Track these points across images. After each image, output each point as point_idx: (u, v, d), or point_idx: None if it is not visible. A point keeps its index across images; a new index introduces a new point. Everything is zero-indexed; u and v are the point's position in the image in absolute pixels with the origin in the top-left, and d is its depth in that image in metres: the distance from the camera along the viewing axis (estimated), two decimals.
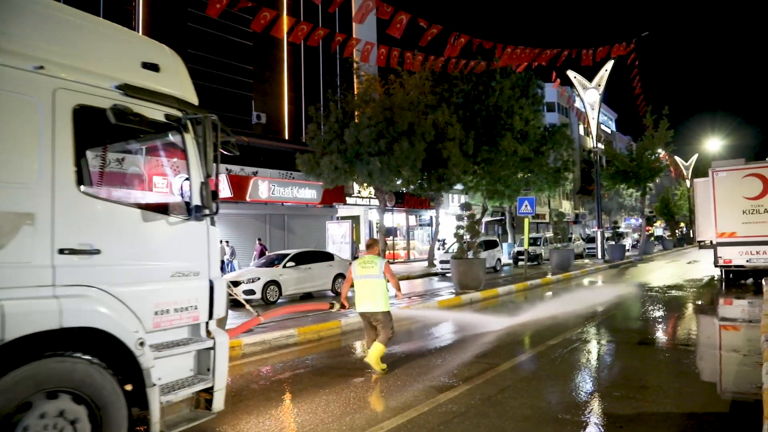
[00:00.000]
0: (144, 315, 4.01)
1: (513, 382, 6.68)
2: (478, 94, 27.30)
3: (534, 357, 8.09)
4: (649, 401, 5.81)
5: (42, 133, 3.54)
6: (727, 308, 13.04)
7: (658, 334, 10.00)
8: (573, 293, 17.26)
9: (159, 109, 4.29)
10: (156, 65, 4.35)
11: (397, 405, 5.85)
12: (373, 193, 27.21)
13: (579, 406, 5.76)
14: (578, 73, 32.32)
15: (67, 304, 3.49)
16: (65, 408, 3.46)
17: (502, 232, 43.57)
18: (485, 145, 26.07)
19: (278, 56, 29.58)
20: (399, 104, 21.67)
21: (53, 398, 3.41)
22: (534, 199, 21.33)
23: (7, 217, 3.31)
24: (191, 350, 4.42)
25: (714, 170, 18.05)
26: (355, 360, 8.36)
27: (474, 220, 18.25)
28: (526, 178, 29.38)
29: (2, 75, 3.37)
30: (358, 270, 7.40)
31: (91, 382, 3.58)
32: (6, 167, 3.36)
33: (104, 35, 4.12)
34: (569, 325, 10.35)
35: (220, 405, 4.51)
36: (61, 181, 3.59)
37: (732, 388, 6.61)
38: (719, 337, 9.92)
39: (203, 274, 4.55)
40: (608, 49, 21.07)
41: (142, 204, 4.45)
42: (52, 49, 3.68)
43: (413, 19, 14.80)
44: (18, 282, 3.35)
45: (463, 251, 17.44)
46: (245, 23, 25.09)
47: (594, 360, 8.02)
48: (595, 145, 33.14)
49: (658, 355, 8.19)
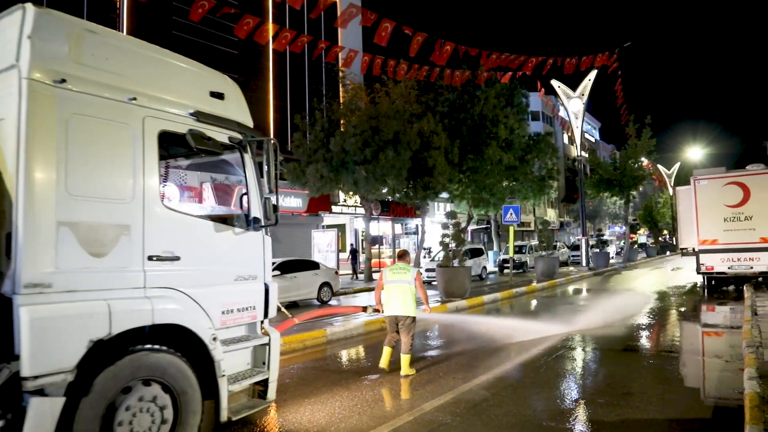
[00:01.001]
0: (213, 314, 4.63)
1: (497, 390, 6.68)
2: (464, 103, 27.41)
3: (520, 365, 8.09)
4: (633, 408, 5.84)
5: (135, 154, 4.17)
6: (709, 315, 13.16)
7: (641, 341, 10.06)
8: (558, 300, 17.33)
9: (224, 132, 4.97)
10: (222, 94, 5.08)
11: (381, 414, 5.83)
12: (359, 202, 27.17)
13: (564, 413, 5.77)
14: (562, 83, 32.68)
15: (157, 303, 4.13)
16: (157, 394, 4.08)
17: (487, 240, 43.69)
18: (470, 153, 26.16)
19: (264, 65, 29.55)
20: (384, 113, 21.70)
21: (147, 385, 4.03)
22: (519, 208, 21.44)
23: (109, 229, 3.96)
24: (250, 346, 5.06)
25: (695, 178, 18.28)
26: (339, 368, 8.31)
27: (459, 229, 18.28)
28: (511, 187, 29.50)
29: (104, 106, 4.02)
30: (390, 276, 7.83)
31: (174, 372, 4.18)
32: (108, 185, 3.99)
33: (179, 68, 4.83)
34: (554, 333, 10.38)
35: (273, 395, 5.18)
36: (149, 197, 4.24)
37: (715, 393, 6.66)
38: (702, 343, 10.02)
39: (260, 278, 5.20)
40: (592, 58, 21.35)
41: (211, 216, 5.18)
42: (140, 82, 4.32)
43: (399, 27, 14.87)
44: (119, 284, 3.98)
45: (449, 259, 17.46)
46: (230, 31, 25.04)
47: (579, 367, 8.04)
48: (579, 153, 33.44)
49: (642, 362, 8.23)
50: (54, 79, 3.74)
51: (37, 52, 3.69)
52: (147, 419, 4.00)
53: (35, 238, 3.56)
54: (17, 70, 3.66)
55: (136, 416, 3.93)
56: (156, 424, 4.05)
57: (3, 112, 3.73)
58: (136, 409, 3.93)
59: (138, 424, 3.93)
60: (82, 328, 3.66)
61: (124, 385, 3.87)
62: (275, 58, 29.96)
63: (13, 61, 3.70)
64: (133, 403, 3.91)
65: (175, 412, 4.20)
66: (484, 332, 10.52)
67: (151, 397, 4.04)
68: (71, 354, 3.59)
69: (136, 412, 3.93)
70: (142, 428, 3.96)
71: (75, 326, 3.64)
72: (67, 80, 3.81)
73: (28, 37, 3.66)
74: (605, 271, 30.36)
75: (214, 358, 4.46)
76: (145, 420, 3.99)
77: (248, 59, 28.37)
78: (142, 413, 3.96)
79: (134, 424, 3.91)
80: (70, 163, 3.77)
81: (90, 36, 4.08)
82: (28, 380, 3.42)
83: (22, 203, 3.52)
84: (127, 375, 3.89)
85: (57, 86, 3.75)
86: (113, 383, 3.80)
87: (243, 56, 27.97)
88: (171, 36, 24.57)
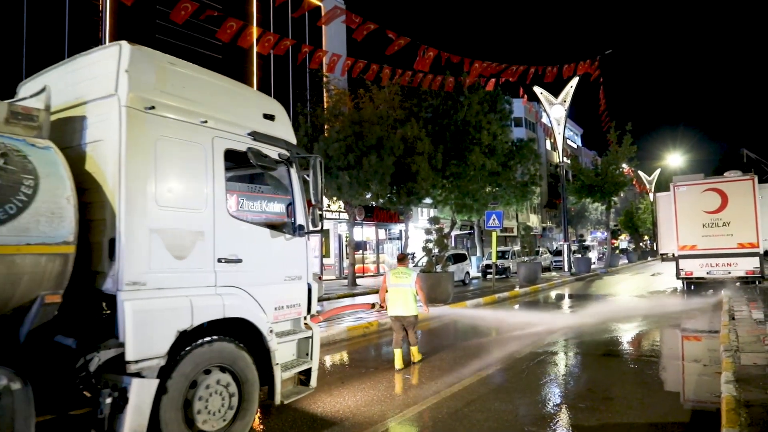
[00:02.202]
0: (268, 309, 5.25)
1: (480, 395, 6.70)
2: (447, 109, 27.52)
3: (502, 370, 8.13)
4: (614, 412, 5.89)
5: (206, 169, 4.81)
6: (688, 319, 13.33)
7: (622, 346, 10.16)
8: (540, 306, 17.44)
9: (275, 150, 5.60)
10: (273, 116, 5.71)
11: (362, 420, 5.83)
12: (342, 207, 27.14)
13: (545, 417, 5.81)
14: (545, 89, 32.95)
15: (226, 300, 4.78)
16: (229, 381, 4.71)
17: (470, 245, 43.86)
18: (454, 159, 26.26)
19: (248, 69, 29.46)
20: (368, 118, 21.72)
21: (223, 372, 4.67)
22: (502, 213, 21.55)
23: (188, 235, 4.59)
24: (296, 338, 5.69)
25: (675, 185, 18.55)
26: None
27: (442, 234, 18.33)
28: (494, 192, 29.67)
29: (182, 128, 4.64)
30: (393, 279, 8.55)
31: (240, 361, 4.81)
32: (186, 197, 4.63)
33: (239, 94, 5.51)
34: (536, 338, 10.45)
35: (315, 383, 5.84)
36: (218, 207, 4.87)
37: (693, 397, 6.75)
38: (681, 347, 10.14)
39: (303, 278, 5.84)
40: (574, 66, 21.56)
41: (265, 223, 5.84)
42: (209, 106, 4.96)
43: (382, 31, 14.90)
44: (196, 283, 4.60)
45: (432, 265, 17.50)
46: (214, 35, 24.96)
47: (560, 372, 8.09)
48: (561, 159, 33.74)
49: (622, 366, 8.30)
50: (145, 106, 4.36)
51: (133, 84, 4.29)
52: (220, 400, 4.63)
53: (134, 243, 4.17)
54: (116, 99, 4.26)
55: (209, 399, 4.54)
56: (226, 406, 4.67)
57: (101, 135, 4.34)
58: (212, 389, 4.56)
59: (211, 405, 4.54)
60: (171, 320, 4.30)
61: (204, 368, 4.52)
62: (259, 63, 29.89)
63: (111, 91, 4.30)
64: (210, 383, 4.55)
65: (239, 397, 4.80)
66: (469, 336, 10.54)
67: (226, 382, 4.68)
68: (163, 342, 4.22)
69: (210, 395, 4.54)
70: (214, 407, 4.56)
71: (166, 319, 4.28)
72: (155, 107, 4.43)
73: (126, 71, 4.28)
74: (587, 276, 30.61)
75: (270, 349, 5.10)
76: (218, 401, 4.61)
77: (232, 64, 28.25)
78: (213, 396, 4.58)
79: (209, 402, 4.53)
80: (158, 178, 4.39)
81: (170, 67, 4.70)
82: (131, 364, 4.01)
83: (123, 213, 4.14)
84: (206, 360, 4.53)
85: (147, 112, 4.37)
86: (193, 368, 4.42)
87: (227, 60, 27.84)
88: (154, 39, 24.39)
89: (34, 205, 3.73)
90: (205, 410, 4.50)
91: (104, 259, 4.17)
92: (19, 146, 3.89)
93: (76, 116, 4.54)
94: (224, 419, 4.65)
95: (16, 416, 3.46)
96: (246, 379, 4.85)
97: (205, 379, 4.52)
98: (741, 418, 4.84)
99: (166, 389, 4.20)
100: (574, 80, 31.34)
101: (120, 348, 4.01)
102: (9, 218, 3.59)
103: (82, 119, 4.50)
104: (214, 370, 4.60)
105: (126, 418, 3.95)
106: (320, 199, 5.70)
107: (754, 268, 16.92)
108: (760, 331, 9.35)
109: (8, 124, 4.00)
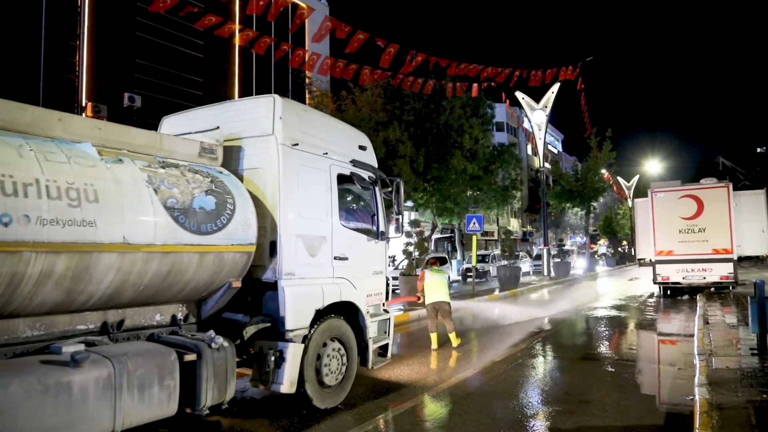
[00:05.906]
0: (364, 296, 6.81)
1: (459, 398, 6.73)
2: (430, 113, 27.52)
3: (480, 373, 8.16)
4: (590, 415, 5.94)
5: (327, 189, 6.39)
6: (664, 324, 13.51)
7: (600, 350, 10.24)
8: (519, 309, 17.52)
9: (366, 173, 7.15)
10: (365, 146, 7.33)
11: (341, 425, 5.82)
12: None
13: (522, 421, 5.84)
14: (527, 95, 33.21)
15: (341, 287, 6.42)
16: (341, 348, 6.32)
17: (451, 249, 43.99)
18: (435, 162, 26.27)
19: (230, 69, 29.25)
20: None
21: (337, 341, 6.27)
22: (482, 217, 21.64)
23: (317, 239, 6.15)
24: (378, 319, 7.18)
25: (653, 191, 18.78)
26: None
27: (423, 237, 18.38)
28: (476, 196, 29.74)
29: (313, 158, 6.22)
30: (431, 274, 10.55)
31: (347, 334, 6.46)
32: (316, 210, 6.19)
33: (344, 131, 7.22)
34: (515, 342, 10.51)
35: (390, 355, 7.49)
36: (335, 217, 6.47)
37: (668, 400, 6.83)
38: (657, 351, 10.26)
39: (383, 273, 7.44)
40: (555, 72, 21.78)
41: (359, 230, 7.04)
42: (327, 141, 6.52)
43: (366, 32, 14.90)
44: (322, 275, 6.21)
45: (412, 268, 17.51)
46: (196, 34, 24.74)
47: (538, 375, 8.14)
48: (542, 164, 34.02)
49: (598, 370, 8.36)
50: (292, 143, 5.91)
51: (285, 127, 5.84)
52: (336, 362, 6.22)
53: (289, 245, 5.73)
54: (274, 138, 5.78)
55: (331, 360, 6.12)
56: (340, 367, 6.26)
57: (260, 163, 5.83)
58: (331, 354, 6.13)
59: (332, 365, 6.13)
60: (312, 301, 5.91)
61: (327, 338, 6.10)
62: (241, 63, 29.71)
63: (268, 132, 5.82)
64: (330, 351, 6.12)
65: (347, 361, 6.39)
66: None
67: (338, 349, 6.26)
68: (307, 317, 5.82)
69: (331, 358, 6.12)
70: (333, 368, 6.14)
71: (309, 300, 5.87)
72: (299, 144, 5.98)
73: (280, 117, 5.82)
74: (566, 281, 30.87)
75: (366, 326, 6.76)
76: (335, 363, 6.20)
77: (213, 63, 28.06)
78: (333, 359, 6.16)
79: (330, 363, 6.10)
80: (301, 197, 5.93)
81: (304, 113, 6.36)
82: (288, 332, 5.57)
83: (281, 222, 5.68)
84: (329, 332, 6.14)
85: (294, 148, 5.92)
86: (321, 337, 6.00)
87: (208, 60, 27.65)
88: (134, 37, 24.09)
89: (236, 217, 5.16)
90: (328, 368, 6.05)
91: (265, 256, 5.64)
92: (214, 174, 5.30)
93: (234, 147, 5.91)
94: (338, 378, 6.20)
95: (228, 364, 4.95)
96: (351, 347, 6.45)
97: (329, 345, 6.10)
98: (713, 421, 4.91)
99: (307, 351, 5.72)
100: (556, 86, 31.63)
101: (272, 322, 5.57)
102: (223, 226, 5.04)
103: (239, 150, 5.92)
104: (332, 340, 6.15)
105: (285, 371, 5.46)
106: (401, 211, 7.57)
107: (728, 274, 17.17)
108: (733, 335, 9.50)
109: (200, 157, 5.44)
